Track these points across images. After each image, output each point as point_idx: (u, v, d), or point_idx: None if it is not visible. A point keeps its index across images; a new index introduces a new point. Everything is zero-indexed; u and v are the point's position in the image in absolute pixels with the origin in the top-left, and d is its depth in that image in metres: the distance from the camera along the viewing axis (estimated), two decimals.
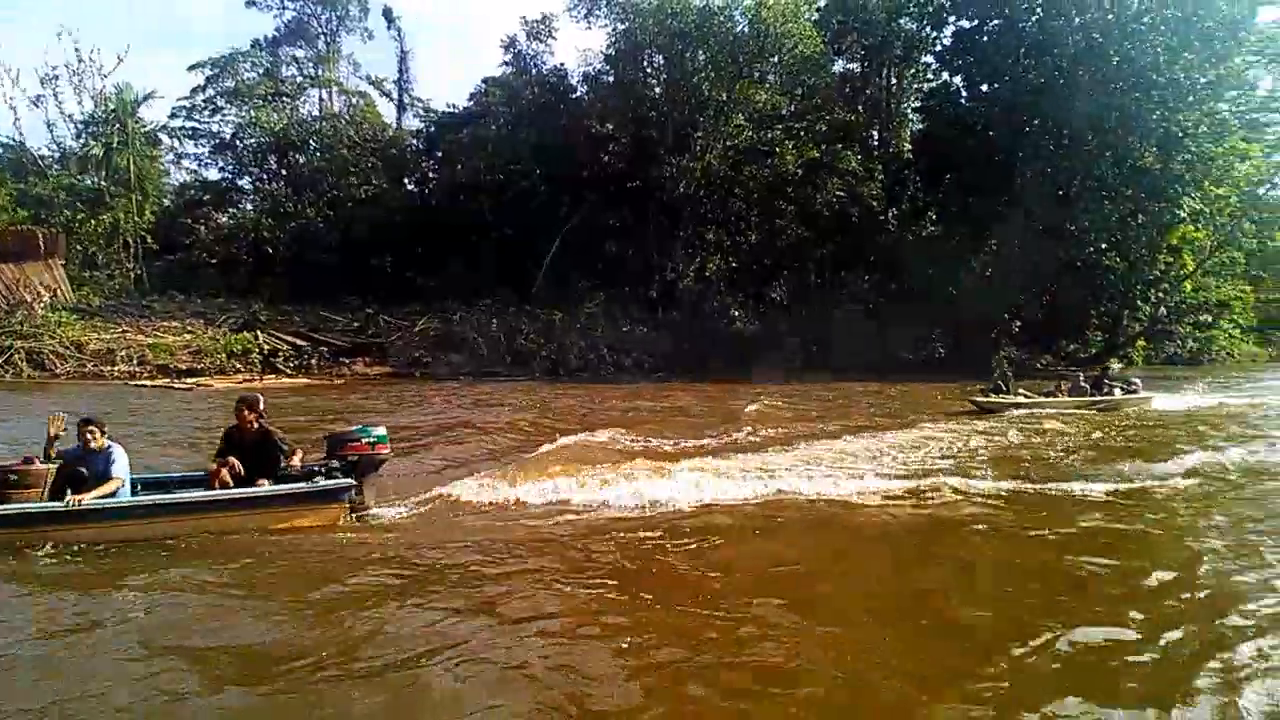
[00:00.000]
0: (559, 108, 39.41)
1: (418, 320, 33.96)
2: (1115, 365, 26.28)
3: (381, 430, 7.82)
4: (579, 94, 40.60)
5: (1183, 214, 34.22)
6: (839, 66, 41.74)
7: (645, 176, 36.22)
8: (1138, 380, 18.74)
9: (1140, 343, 41.08)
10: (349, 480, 7.42)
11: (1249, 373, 36.80)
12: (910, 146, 39.87)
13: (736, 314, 37.29)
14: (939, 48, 38.58)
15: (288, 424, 12.20)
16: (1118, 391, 17.89)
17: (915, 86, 42.41)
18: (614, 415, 17.05)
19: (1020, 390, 17.69)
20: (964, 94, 36.61)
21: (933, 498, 8.61)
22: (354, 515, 7.56)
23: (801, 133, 37.25)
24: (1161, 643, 4.67)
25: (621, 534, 7.14)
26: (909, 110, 42.54)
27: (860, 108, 40.96)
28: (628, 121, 37.91)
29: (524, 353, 32.43)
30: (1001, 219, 33.91)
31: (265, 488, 7.07)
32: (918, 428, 14.20)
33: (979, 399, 17.25)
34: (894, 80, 42.08)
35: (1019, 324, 36.89)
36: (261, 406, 7.46)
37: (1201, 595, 5.67)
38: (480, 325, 33.28)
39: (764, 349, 35.45)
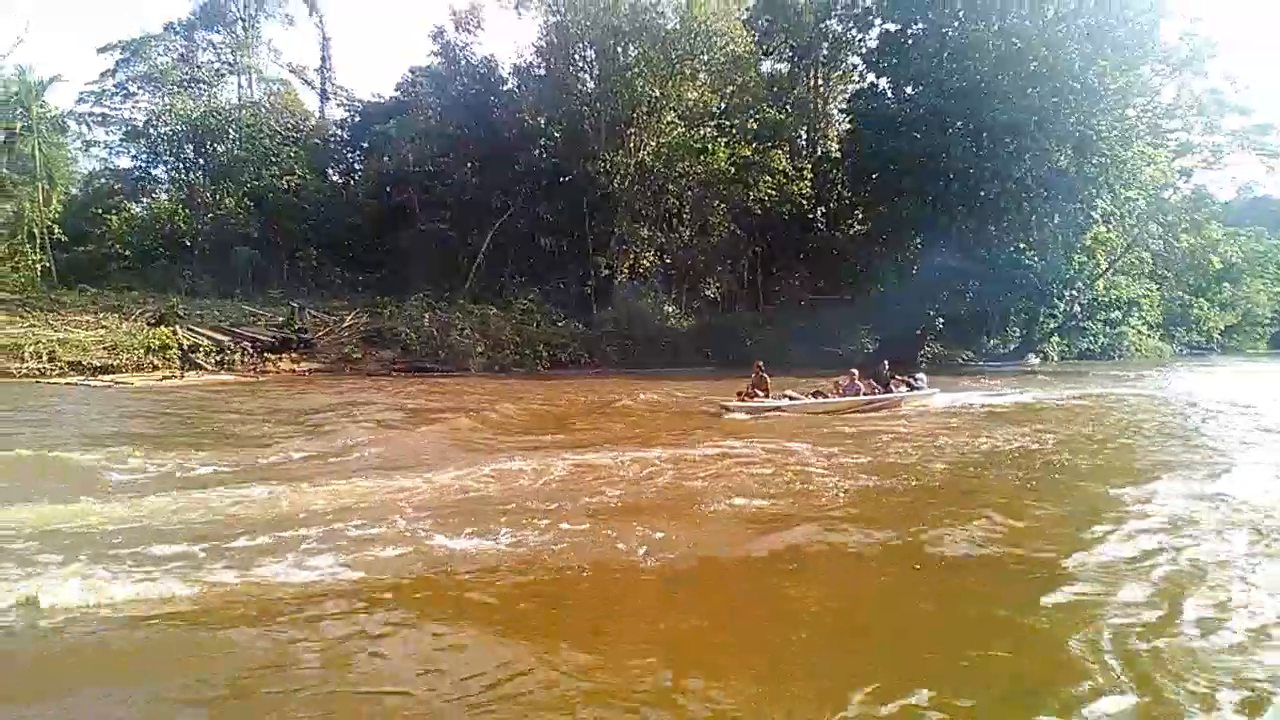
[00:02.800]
0: (489, 100, 38.84)
1: (345, 315, 33.13)
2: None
3: None
4: (510, 86, 40.14)
5: (1095, 215, 35.56)
6: (767, 66, 42.18)
7: (579, 171, 36.04)
8: (923, 377, 18.69)
9: (1055, 339, 42.66)
10: None
11: (1135, 369, 37.83)
12: (837, 147, 40.35)
13: (670, 310, 37.48)
14: (865, 49, 39.17)
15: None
16: (902, 389, 17.64)
17: (842, 88, 43.07)
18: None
19: (787, 392, 16.46)
20: (889, 96, 37.05)
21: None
22: None
23: (733, 130, 37.60)
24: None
25: None
26: (836, 111, 43.14)
27: (789, 107, 41.45)
28: (560, 115, 37.74)
29: (458, 348, 31.90)
30: (926, 218, 34.75)
31: None
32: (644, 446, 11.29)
33: (730, 403, 15.56)
34: (821, 81, 42.74)
35: (942, 320, 37.89)
36: None
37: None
38: (412, 320, 32.63)
39: (697, 346, 35.76)
